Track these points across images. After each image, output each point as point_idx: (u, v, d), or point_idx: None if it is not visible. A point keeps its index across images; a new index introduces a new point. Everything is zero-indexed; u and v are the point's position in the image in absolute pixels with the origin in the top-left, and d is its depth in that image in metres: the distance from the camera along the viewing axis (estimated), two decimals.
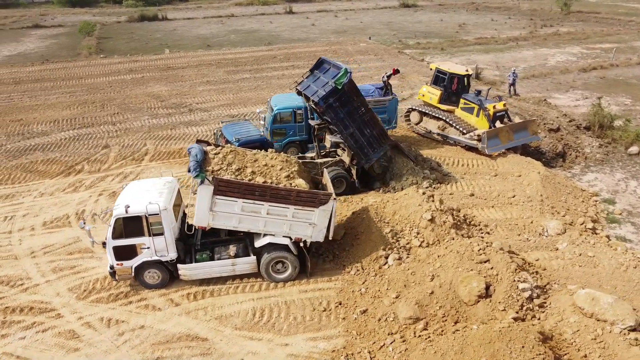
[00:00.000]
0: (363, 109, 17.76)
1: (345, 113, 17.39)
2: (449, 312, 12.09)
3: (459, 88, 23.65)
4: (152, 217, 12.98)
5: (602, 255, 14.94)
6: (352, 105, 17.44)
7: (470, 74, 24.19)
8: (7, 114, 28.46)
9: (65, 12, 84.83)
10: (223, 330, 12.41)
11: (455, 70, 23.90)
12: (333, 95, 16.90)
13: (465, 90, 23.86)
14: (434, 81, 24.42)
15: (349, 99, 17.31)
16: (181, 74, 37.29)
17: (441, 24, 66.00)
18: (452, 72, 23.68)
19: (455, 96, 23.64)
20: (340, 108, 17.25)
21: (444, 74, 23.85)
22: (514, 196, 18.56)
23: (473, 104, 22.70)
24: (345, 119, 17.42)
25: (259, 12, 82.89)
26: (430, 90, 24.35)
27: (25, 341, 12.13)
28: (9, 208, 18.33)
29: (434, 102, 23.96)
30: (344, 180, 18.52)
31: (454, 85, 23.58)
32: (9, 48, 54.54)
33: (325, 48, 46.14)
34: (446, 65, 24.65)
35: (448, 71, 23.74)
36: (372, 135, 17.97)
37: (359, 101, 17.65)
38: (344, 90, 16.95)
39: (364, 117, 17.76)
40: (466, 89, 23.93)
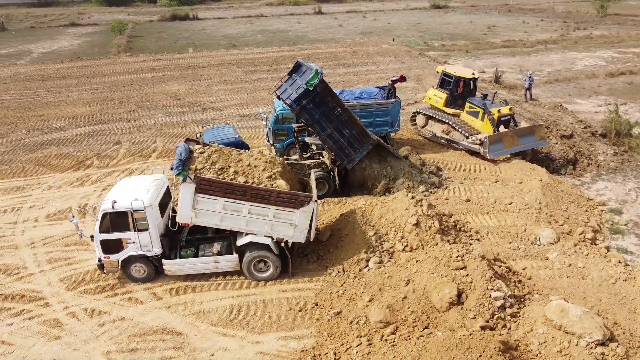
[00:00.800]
0: (339, 109, 17.67)
1: (321, 114, 17.39)
2: (419, 318, 12.06)
3: (464, 91, 23.46)
4: (136, 212, 13.43)
5: (592, 266, 14.62)
6: (327, 106, 17.40)
7: (476, 77, 23.93)
8: (31, 109, 29.72)
9: (101, 11, 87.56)
10: (199, 326, 12.73)
11: (462, 73, 23.73)
12: (305, 97, 16.95)
13: (472, 93, 23.68)
14: (440, 84, 24.31)
15: (323, 100, 17.29)
16: (200, 73, 38.07)
17: (470, 25, 65.06)
18: (458, 75, 23.51)
19: (461, 99, 23.44)
20: (314, 109, 17.26)
21: (450, 77, 23.70)
22: (511, 203, 18.28)
23: (478, 108, 22.46)
24: (321, 120, 17.44)
25: (289, 12, 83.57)
26: (436, 94, 24.23)
27: (12, 327, 12.74)
28: (17, 200, 19.20)
29: (439, 105, 23.84)
30: (325, 182, 18.59)
31: (460, 88, 23.41)
32: (45, 45, 56.67)
33: (347, 49, 46.21)
34: (452, 68, 24.52)
35: (454, 74, 23.57)
36: (352, 135, 17.91)
37: (334, 101, 17.56)
38: (316, 92, 16.94)
39: (341, 117, 17.68)
40: (472, 92, 23.74)
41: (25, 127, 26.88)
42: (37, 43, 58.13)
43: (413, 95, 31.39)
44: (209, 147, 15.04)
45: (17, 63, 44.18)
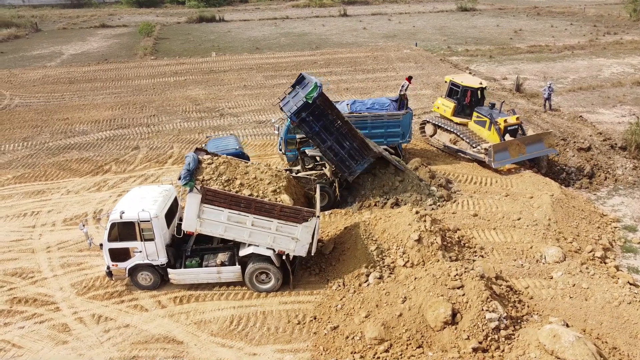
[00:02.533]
0: (339, 121, 17.84)
1: (321, 127, 17.62)
2: (414, 336, 12.18)
3: (472, 101, 23.58)
4: (143, 223, 13.90)
5: (597, 287, 14.45)
6: (327, 118, 17.61)
7: (484, 87, 23.97)
8: (56, 113, 30.74)
9: (131, 12, 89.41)
10: (199, 335, 13.10)
11: (469, 82, 23.83)
12: (305, 109, 17.20)
13: (479, 103, 23.81)
14: (448, 93, 24.45)
15: (323, 113, 17.49)
16: (221, 77, 38.66)
17: (496, 29, 64.23)
18: (466, 85, 23.63)
19: (469, 109, 23.56)
20: (314, 122, 17.50)
21: (458, 87, 23.85)
22: (519, 219, 18.15)
23: (485, 117, 22.59)
24: (321, 133, 17.67)
25: (314, 14, 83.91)
26: (444, 103, 24.41)
27: (23, 330, 13.35)
28: (37, 203, 19.98)
29: (448, 114, 24.02)
30: (326, 195, 18.79)
31: (467, 98, 23.52)
32: (75, 47, 58.30)
33: (367, 54, 46.22)
34: (460, 77, 24.61)
35: (461, 84, 23.69)
36: (353, 148, 18.05)
37: (334, 114, 17.74)
38: (315, 104, 17.17)
39: (341, 129, 17.87)
40: (480, 101, 23.86)
41: (50, 131, 27.83)
42: (67, 44, 59.86)
43: (430, 104, 31.23)
44: (217, 158, 15.42)
45: (46, 65, 45.63)
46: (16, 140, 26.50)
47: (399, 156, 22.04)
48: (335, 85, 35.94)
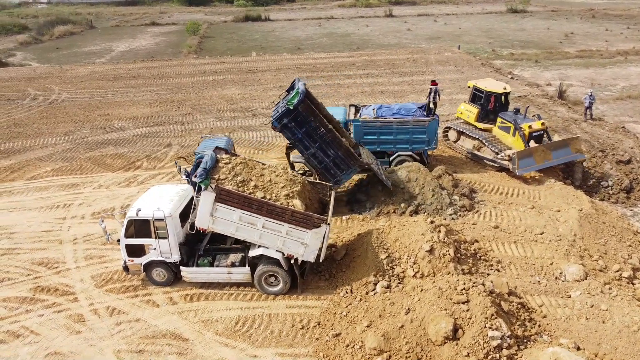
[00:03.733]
0: (323, 129, 17.66)
1: (304, 133, 17.58)
2: (414, 349, 12.04)
3: (496, 106, 23.11)
4: (157, 221, 14.35)
5: (616, 310, 13.80)
6: (310, 125, 17.49)
7: (508, 92, 23.39)
8: (98, 109, 32.06)
9: (181, 11, 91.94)
10: (205, 334, 13.41)
11: (493, 88, 23.34)
12: (287, 115, 17.24)
13: (504, 108, 23.30)
14: (472, 99, 24.03)
15: (306, 120, 17.40)
16: (259, 77, 39.21)
17: (546, 32, 62.16)
18: (489, 90, 23.16)
19: (493, 114, 23.11)
20: (297, 128, 17.49)
21: (481, 92, 23.42)
22: (542, 233, 17.55)
23: (509, 123, 22.10)
24: (304, 140, 17.65)
25: (359, 14, 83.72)
26: (467, 108, 24.02)
27: (42, 318, 14.06)
28: (70, 196, 20.94)
29: (471, 120, 23.63)
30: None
31: (491, 103, 23.07)
32: (124, 44, 60.51)
33: (407, 56, 45.73)
34: (483, 82, 24.08)
35: (485, 89, 23.25)
36: (338, 156, 17.88)
37: (317, 121, 17.58)
38: (298, 111, 17.12)
39: (325, 137, 17.70)
40: (504, 107, 23.34)
41: (90, 126, 29.07)
42: (118, 42, 62.23)
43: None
44: (236, 159, 15.66)
45: (96, 61, 47.61)
46: (59, 134, 27.82)
47: (424, 163, 21.77)
48: (370, 87, 35.77)
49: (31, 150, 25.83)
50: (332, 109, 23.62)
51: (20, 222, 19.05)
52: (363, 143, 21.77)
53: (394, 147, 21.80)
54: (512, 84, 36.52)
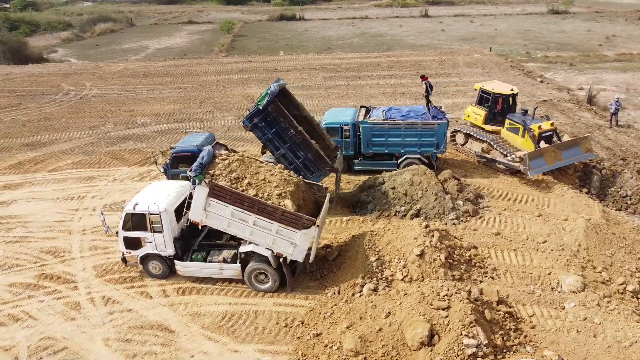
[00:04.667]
0: (292, 130, 17.89)
1: (274, 134, 17.89)
2: (389, 353, 12.02)
3: (503, 108, 22.85)
4: (153, 216, 14.83)
5: (610, 324, 13.38)
6: (280, 126, 17.79)
7: (515, 93, 23.05)
8: (124, 104, 33.16)
9: (219, 9, 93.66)
10: (191, 327, 13.76)
11: (500, 89, 23.08)
12: (257, 115, 17.65)
13: (511, 110, 23.05)
14: (479, 101, 23.76)
15: (275, 120, 17.73)
16: (283, 76, 39.50)
17: (586, 34, 60.17)
18: (496, 92, 22.88)
19: (501, 116, 22.82)
20: (266, 128, 17.83)
21: (488, 94, 23.17)
22: (544, 242, 17.10)
23: (518, 125, 21.80)
24: (274, 140, 17.95)
25: (395, 14, 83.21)
26: (475, 111, 23.76)
27: (42, 304, 14.75)
28: (85, 189, 21.80)
29: (479, 122, 23.36)
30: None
31: (499, 105, 22.79)
32: (160, 42, 62.17)
33: (434, 58, 45.18)
34: (490, 84, 23.83)
35: (492, 91, 22.99)
36: (307, 158, 18.03)
37: (287, 122, 17.84)
38: (268, 111, 17.46)
39: (295, 139, 17.96)
40: (512, 108, 23.08)
41: (114, 121, 30.12)
42: (155, 39, 64.01)
43: None
44: (233, 155, 15.94)
45: (129, 59, 49.14)
46: (83, 129, 28.95)
47: (432, 166, 21.58)
48: (392, 88, 35.58)
49: (56, 144, 27.00)
50: (342, 110, 23.83)
51: (36, 212, 20.00)
52: (371, 144, 21.84)
53: (402, 150, 21.68)
54: (539, 88, 35.67)
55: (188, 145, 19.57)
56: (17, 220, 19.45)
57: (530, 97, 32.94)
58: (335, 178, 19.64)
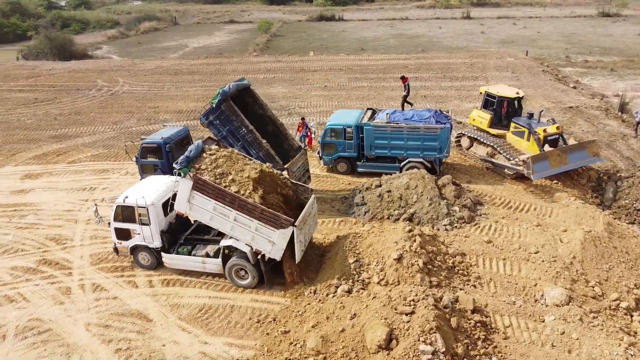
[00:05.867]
0: (244, 129, 18.46)
1: (227, 132, 18.54)
2: (348, 354, 12.09)
3: (509, 111, 22.60)
4: (140, 209, 15.45)
5: (588, 340, 12.94)
6: (233, 125, 18.41)
7: (521, 96, 22.65)
8: (150, 101, 34.37)
9: (262, 9, 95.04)
10: (168, 317, 14.26)
11: (505, 93, 22.81)
12: (212, 113, 18.50)
13: (517, 113, 22.71)
14: (484, 105, 23.47)
15: (229, 119, 18.39)
16: (308, 77, 39.90)
17: (635, 39, 57.67)
18: (502, 95, 22.65)
19: (507, 120, 22.59)
20: (221, 126, 18.56)
21: (493, 97, 22.89)
22: (537, 252, 16.62)
23: (523, 128, 21.50)
24: (228, 137, 18.54)
25: (436, 15, 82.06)
26: (480, 115, 23.48)
27: (37, 288, 15.64)
28: (98, 180, 22.85)
29: (484, 126, 23.09)
30: None
31: (504, 108, 22.56)
32: (199, 41, 63.82)
33: (465, 60, 44.36)
34: (496, 88, 23.56)
35: (497, 94, 22.72)
36: (259, 157, 18.24)
37: (239, 121, 18.45)
38: (221, 110, 18.17)
39: (247, 137, 18.51)
40: (517, 112, 22.74)
41: (138, 117, 31.30)
42: (195, 38, 65.76)
43: None
44: (222, 151, 16.33)
45: (165, 57, 50.74)
46: (108, 123, 30.25)
47: (435, 171, 21.35)
48: (414, 91, 35.13)
49: (80, 137, 28.36)
50: (348, 112, 23.91)
51: (49, 201, 21.14)
52: (374, 147, 21.82)
53: (404, 153, 21.57)
54: (568, 94, 34.48)
55: (155, 138, 20.35)
56: (30, 208, 20.64)
57: (556, 102, 31.90)
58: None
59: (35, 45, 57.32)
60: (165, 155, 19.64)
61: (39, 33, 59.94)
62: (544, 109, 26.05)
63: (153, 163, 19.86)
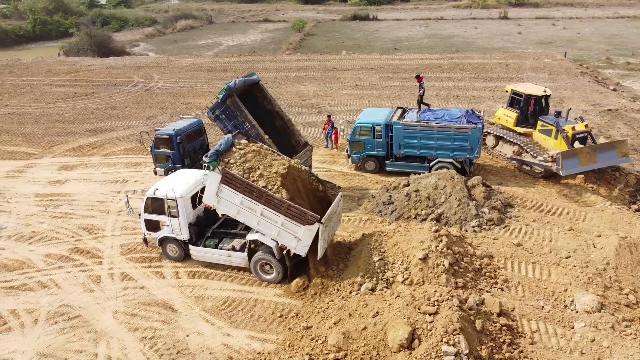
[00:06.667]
0: (247, 124, 18.83)
1: (232, 126, 19.02)
2: (370, 352, 12.01)
3: (536, 109, 22.35)
4: (169, 201, 15.73)
5: (619, 349, 12.55)
6: (237, 119, 18.86)
7: (548, 95, 22.40)
8: (184, 97, 34.95)
9: (296, 8, 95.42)
10: (193, 309, 14.47)
11: (532, 91, 22.64)
12: (218, 107, 19.17)
13: (544, 111, 22.51)
14: (510, 103, 23.26)
15: (233, 114, 18.88)
16: (339, 75, 39.84)
17: None
18: (529, 94, 22.44)
19: (533, 118, 22.31)
20: (227, 121, 19.17)
21: (520, 96, 22.71)
22: (568, 257, 16.17)
23: (551, 126, 21.22)
24: (233, 132, 18.70)
25: (472, 15, 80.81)
26: (506, 113, 23.32)
27: (69, 275, 16.11)
28: (130, 173, 23.37)
29: (510, 124, 22.88)
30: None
31: (531, 107, 22.33)
32: (233, 39, 64.56)
33: (500, 61, 43.50)
34: (522, 86, 23.45)
35: (524, 92, 22.56)
36: None
37: (242, 117, 18.87)
38: (226, 105, 18.69)
39: (250, 132, 18.77)
40: (544, 110, 22.55)
41: (171, 112, 31.86)
42: (229, 37, 66.57)
43: None
44: (251, 146, 16.47)
45: (200, 54, 51.50)
46: (142, 118, 30.90)
47: (465, 172, 21.01)
48: (447, 91, 34.78)
49: (115, 131, 29.07)
50: (377, 110, 23.78)
51: (83, 192, 21.74)
52: (403, 146, 21.62)
53: (434, 153, 21.30)
54: (607, 96, 33.40)
55: (168, 129, 21.00)
56: (65, 198, 21.28)
57: (595, 105, 30.95)
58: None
59: (76, 42, 59.07)
60: (176, 146, 20.45)
61: (80, 30, 61.79)
62: (571, 107, 25.90)
63: (165, 153, 20.64)
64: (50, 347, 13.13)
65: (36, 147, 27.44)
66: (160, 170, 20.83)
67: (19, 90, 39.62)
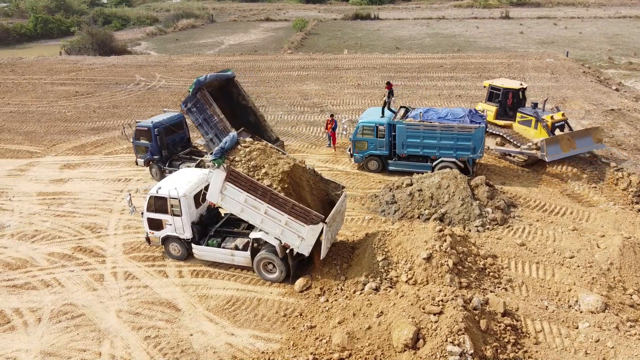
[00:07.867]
0: (216, 118, 19.40)
1: (202, 119, 19.65)
2: (374, 352, 11.99)
3: (514, 102, 23.56)
4: (172, 200, 15.69)
5: (624, 349, 12.51)
6: (207, 113, 19.40)
7: (524, 88, 23.69)
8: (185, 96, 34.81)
9: (298, 8, 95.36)
10: (197, 308, 14.45)
11: (509, 85, 24.18)
12: (190, 100, 19.97)
13: (521, 104, 23.81)
14: (489, 98, 24.56)
15: (203, 107, 19.43)
16: (341, 75, 39.80)
17: None
18: (507, 87, 23.96)
19: (512, 111, 23.79)
20: (197, 114, 19.80)
21: (498, 90, 24.06)
22: (572, 257, 16.13)
23: (530, 117, 22.61)
24: (204, 125, 19.63)
25: (474, 15, 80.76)
26: (485, 107, 24.23)
27: (71, 274, 16.08)
28: (133, 172, 23.34)
29: (490, 118, 23.80)
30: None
31: (509, 100, 23.50)
32: (235, 38, 64.51)
33: (502, 61, 43.42)
34: (499, 81, 24.80)
35: (502, 87, 24.21)
36: None
37: (212, 110, 19.49)
38: (197, 98, 19.27)
39: (218, 125, 19.33)
40: (522, 102, 23.81)
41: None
42: (231, 35, 66.52)
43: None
44: (256, 144, 16.41)
45: (202, 53, 51.44)
46: (144, 117, 30.75)
47: (468, 172, 20.98)
48: (449, 91, 34.73)
49: (117, 129, 29.01)
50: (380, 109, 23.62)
51: (86, 190, 21.72)
52: (406, 145, 21.60)
53: (437, 152, 21.27)
54: (609, 96, 33.34)
55: (147, 122, 21.96)
56: (68, 197, 21.26)
57: (597, 105, 30.88)
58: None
59: (78, 40, 59.05)
60: (154, 138, 21.35)
61: (81, 29, 61.76)
62: (548, 98, 27.69)
63: (144, 145, 21.66)
64: (54, 346, 13.12)
65: (38, 146, 27.45)
66: (141, 160, 21.94)
67: (21, 89, 39.62)
